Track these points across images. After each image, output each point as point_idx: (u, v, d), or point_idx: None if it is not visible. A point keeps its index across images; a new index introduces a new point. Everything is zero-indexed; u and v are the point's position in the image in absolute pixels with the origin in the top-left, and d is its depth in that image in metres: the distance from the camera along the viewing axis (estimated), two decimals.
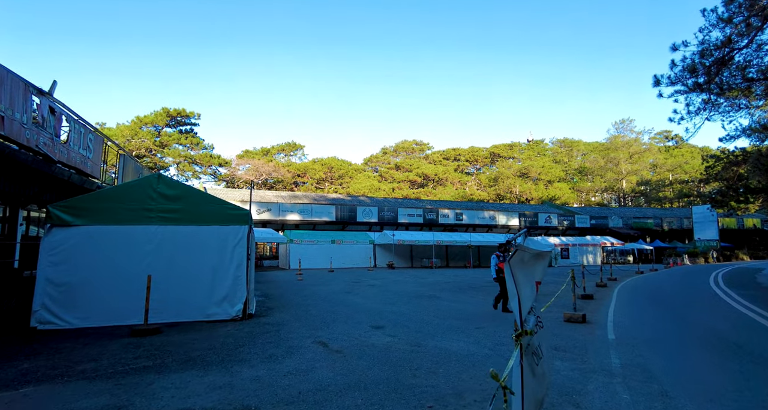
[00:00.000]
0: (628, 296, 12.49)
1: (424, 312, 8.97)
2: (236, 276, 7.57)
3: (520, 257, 2.18)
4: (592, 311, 9.46)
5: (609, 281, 17.65)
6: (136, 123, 40.27)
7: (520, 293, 2.13)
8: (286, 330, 6.62)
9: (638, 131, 71.33)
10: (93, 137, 11.86)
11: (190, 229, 7.38)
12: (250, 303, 7.79)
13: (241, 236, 7.72)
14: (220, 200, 7.82)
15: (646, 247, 38.14)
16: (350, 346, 5.60)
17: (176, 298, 7.09)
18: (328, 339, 6.04)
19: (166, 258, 7.16)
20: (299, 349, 5.38)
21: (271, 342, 5.72)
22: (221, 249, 7.55)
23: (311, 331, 6.61)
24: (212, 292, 7.38)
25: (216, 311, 7.35)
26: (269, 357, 4.94)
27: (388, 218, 36.36)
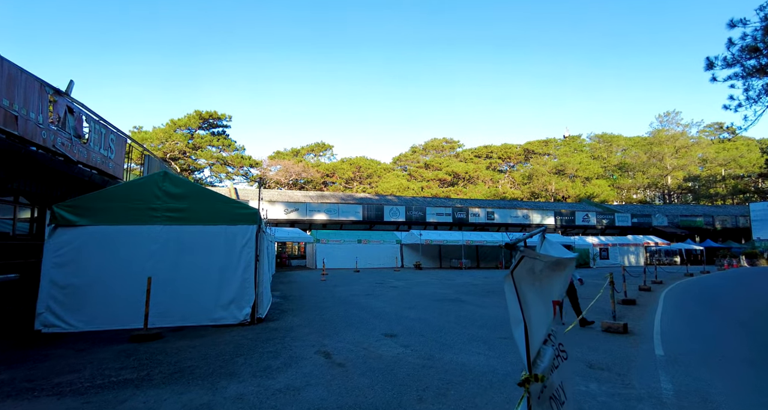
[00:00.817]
0: (677, 302, 11.28)
1: (445, 317, 8.31)
2: (244, 279, 7.22)
3: (529, 266, 1.55)
4: (635, 319, 8.48)
5: (654, 285, 16.23)
6: (171, 126, 41.60)
7: (529, 319, 1.50)
8: (292, 337, 6.17)
9: (685, 124, 66.76)
10: (115, 138, 11.97)
11: (196, 229, 7.09)
12: (260, 307, 7.42)
13: (249, 236, 7.36)
14: (228, 199, 7.49)
15: (695, 247, 35.44)
16: (355, 358, 5.07)
17: (182, 301, 6.81)
18: (334, 348, 5.53)
19: (172, 259, 6.90)
20: (299, 361, 4.91)
21: (271, 352, 5.28)
22: (229, 250, 7.22)
23: (319, 339, 6.13)
24: (219, 295, 7.05)
25: (223, 315, 7.02)
26: (263, 370, 4.49)
27: (416, 218, 35.65)
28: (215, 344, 5.62)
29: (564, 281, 1.84)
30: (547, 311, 1.66)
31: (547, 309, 1.65)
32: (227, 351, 5.29)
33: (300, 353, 5.25)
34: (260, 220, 7.50)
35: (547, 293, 1.67)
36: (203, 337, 6.08)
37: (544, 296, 1.64)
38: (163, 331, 6.34)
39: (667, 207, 54.15)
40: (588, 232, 40.13)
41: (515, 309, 1.50)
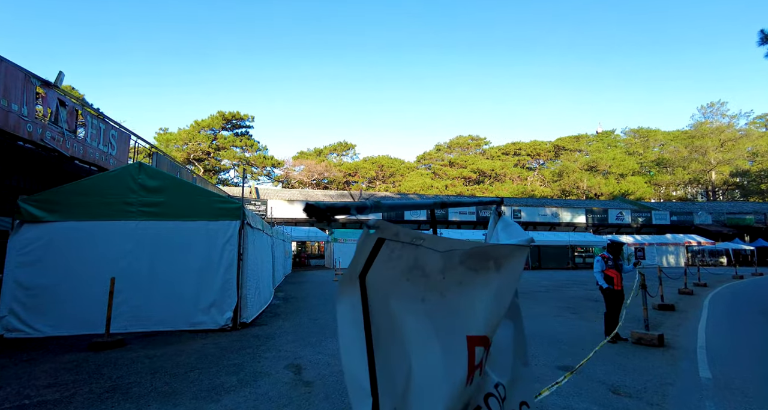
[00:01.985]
0: (726, 308, 9.89)
1: None
2: (226, 280, 6.61)
3: (407, 263, 0.70)
4: (673, 327, 7.32)
5: (696, 288, 14.64)
6: (194, 127, 42.27)
7: (393, 387, 0.66)
8: (269, 347, 5.48)
9: (732, 115, 62.12)
10: (116, 134, 11.74)
11: (174, 225, 6.54)
12: (244, 310, 6.78)
13: (231, 233, 6.74)
14: (209, 192, 6.90)
15: (744, 247, 32.63)
16: (328, 374, 4.31)
17: (158, 304, 6.27)
18: (310, 361, 4.80)
19: (147, 258, 6.37)
20: (261, 377, 4.19)
21: (234, 365, 4.59)
22: (209, 248, 6.62)
23: (298, 348, 5.41)
24: (199, 297, 6.47)
25: (203, 319, 6.43)
26: (211, 390, 3.80)
27: (439, 216, 34.52)
28: (178, 354, 4.99)
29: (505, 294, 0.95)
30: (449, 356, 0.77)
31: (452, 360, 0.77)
32: (186, 363, 4.64)
33: (267, 367, 4.54)
34: (245, 215, 6.88)
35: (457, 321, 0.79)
36: (171, 345, 5.48)
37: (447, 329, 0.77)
38: (131, 337, 5.80)
39: (712, 204, 50.53)
40: (622, 231, 37.83)
41: (358, 361, 0.68)
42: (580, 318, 8.30)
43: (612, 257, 6.43)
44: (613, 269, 6.34)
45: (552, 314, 8.87)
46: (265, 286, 9.49)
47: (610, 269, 6.35)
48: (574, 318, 8.28)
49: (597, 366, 4.82)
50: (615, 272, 6.32)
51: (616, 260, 6.40)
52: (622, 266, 6.42)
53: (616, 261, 6.40)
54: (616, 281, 6.28)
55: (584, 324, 7.61)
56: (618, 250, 6.44)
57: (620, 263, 6.41)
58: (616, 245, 6.51)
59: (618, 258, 6.43)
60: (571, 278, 18.88)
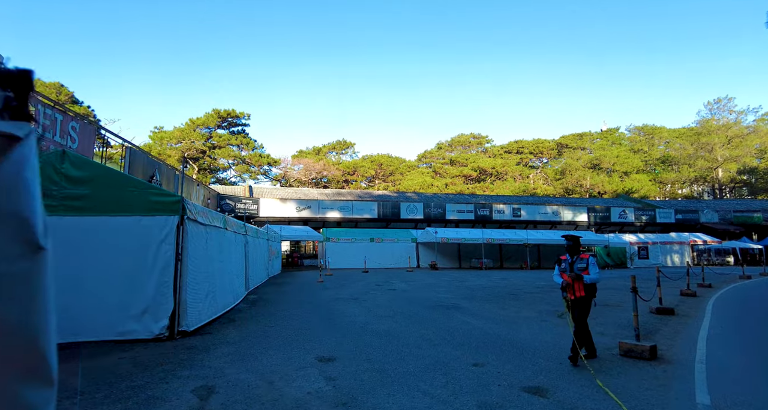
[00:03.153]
0: (731, 312, 9.04)
1: (421, 331, 6.65)
2: (162, 282, 5.86)
3: None
4: (670, 336, 6.49)
5: (700, 289, 13.74)
6: (189, 126, 41.68)
7: None
8: (194, 362, 4.73)
9: (739, 111, 60.71)
10: (78, 126, 11.05)
11: (102, 220, 5.80)
12: (183, 317, 6.03)
13: (169, 229, 6.00)
14: (143, 183, 6.16)
15: (752, 246, 31.56)
16: (241, 400, 3.54)
17: (81, 312, 5.52)
18: (228, 382, 4.04)
19: (69, 259, 5.62)
20: (152, 406, 3.43)
21: (133, 388, 3.83)
22: (142, 247, 5.89)
23: (225, 365, 4.66)
24: (129, 303, 5.73)
25: (134, 328, 5.69)
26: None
27: (435, 215, 33.73)
28: (73, 374, 4.23)
29: None
30: None
31: None
32: (73, 386, 3.88)
33: (170, 391, 3.78)
34: (185, 209, 6.13)
35: None
36: (73, 362, 4.72)
37: None
38: None
39: (718, 202, 49.34)
40: (625, 229, 36.81)
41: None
42: (567, 324, 7.49)
43: (570, 258, 5.14)
44: (566, 273, 5.06)
45: (538, 318, 8.07)
46: (227, 289, 8.76)
47: (563, 273, 5.12)
48: (560, 324, 7.47)
49: (571, 386, 4.03)
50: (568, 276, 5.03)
51: (573, 263, 5.07)
52: (586, 269, 4.93)
53: (574, 263, 5.05)
54: (570, 287, 5.01)
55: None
56: (575, 248, 5.17)
57: (580, 266, 4.97)
58: (572, 240, 5.22)
59: (576, 258, 5.07)
60: None
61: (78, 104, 32.27)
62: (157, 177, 16.59)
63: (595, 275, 4.89)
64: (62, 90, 30.83)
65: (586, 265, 4.88)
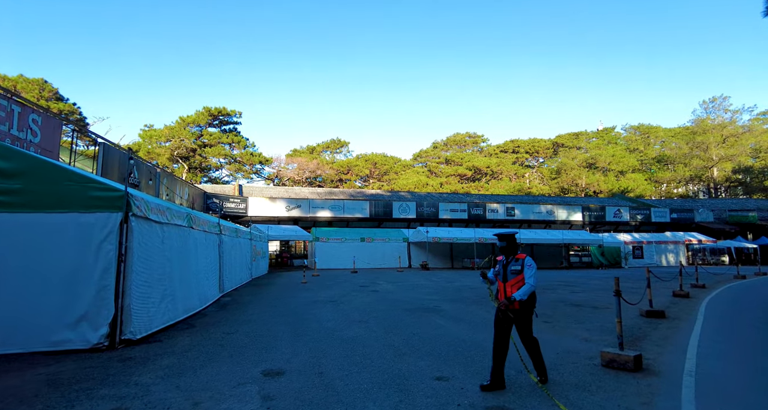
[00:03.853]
0: (725, 315, 8.58)
1: (392, 337, 6.15)
2: (102, 286, 5.34)
3: None
4: (658, 343, 6.01)
5: (694, 289, 13.32)
6: (180, 124, 40.98)
7: None
8: (121, 377, 4.22)
9: (734, 110, 60.52)
10: (40, 118, 10.45)
11: (34, 218, 5.26)
12: (127, 324, 5.50)
13: (110, 228, 5.47)
14: (82, 177, 5.62)
15: (747, 245, 31.27)
16: None
17: (6, 319, 5.00)
18: (151, 404, 3.52)
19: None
20: None
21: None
22: (81, 247, 5.36)
23: (155, 381, 4.14)
24: (65, 309, 5.20)
25: (69, 337, 5.16)
26: None
27: (428, 214, 33.25)
28: None
29: None
30: None
31: None
32: None
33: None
34: (130, 205, 5.59)
35: None
36: None
37: None
38: None
39: (713, 201, 49.10)
40: (620, 229, 36.45)
41: None
42: (550, 329, 7.02)
43: (504, 259, 4.11)
44: (499, 276, 4.12)
45: None
46: (191, 292, 8.23)
47: (496, 276, 4.18)
48: (545, 329, 6.98)
49: (542, 405, 3.53)
50: (501, 282, 4.09)
51: (507, 264, 4.06)
52: (521, 272, 3.95)
53: (508, 265, 4.05)
54: (501, 295, 4.06)
55: (553, 338, 6.31)
56: (510, 249, 4.09)
57: (514, 268, 3.98)
58: (506, 240, 4.11)
59: (511, 260, 4.06)
60: (561, 279, 17.58)
61: (63, 100, 31.60)
62: (135, 175, 16.03)
63: (528, 286, 3.89)
64: (46, 86, 30.14)
65: (520, 268, 3.96)
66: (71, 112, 31.37)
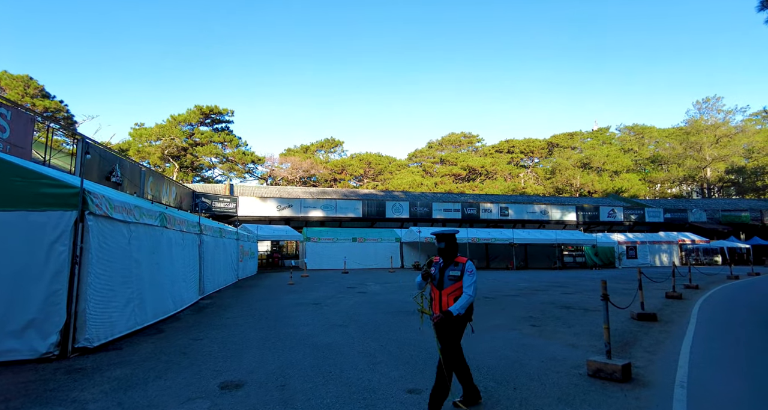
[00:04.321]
0: (718, 318, 8.30)
1: (366, 345, 5.81)
2: (53, 291, 4.96)
3: None
4: (649, 349, 5.71)
5: (687, 290, 13.08)
6: (171, 122, 40.39)
7: None
8: (59, 394, 3.85)
9: (728, 111, 60.70)
10: (8, 113, 9.98)
11: None
12: (82, 331, 5.11)
13: (63, 227, 5.09)
14: (32, 173, 5.21)
15: (740, 245, 31.22)
16: None
17: None
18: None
19: None
20: None
21: None
22: (29, 248, 4.97)
23: (99, 397, 3.79)
24: (10, 316, 4.81)
25: (13, 346, 4.76)
26: None
27: (422, 214, 32.93)
28: None
29: None
30: None
31: None
32: None
33: None
34: (86, 202, 5.21)
35: None
36: None
37: None
38: None
39: (707, 201, 49.18)
40: (614, 229, 36.32)
41: None
42: (538, 333, 6.70)
43: (442, 263, 3.54)
44: (435, 284, 3.50)
45: (508, 326, 7.27)
46: (164, 295, 7.84)
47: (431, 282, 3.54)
48: (531, 333, 6.67)
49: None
50: (435, 289, 3.50)
51: (445, 269, 3.48)
52: (460, 278, 3.38)
53: (445, 269, 3.47)
54: (436, 304, 3.49)
55: (539, 343, 6.00)
56: (450, 251, 3.51)
57: (452, 273, 3.41)
58: (444, 241, 3.52)
59: (450, 264, 3.48)
60: (554, 280, 17.31)
61: (49, 98, 30.98)
62: (117, 173, 15.58)
63: (466, 297, 3.32)
64: (31, 83, 29.49)
65: (460, 273, 3.38)
66: (58, 109, 30.76)
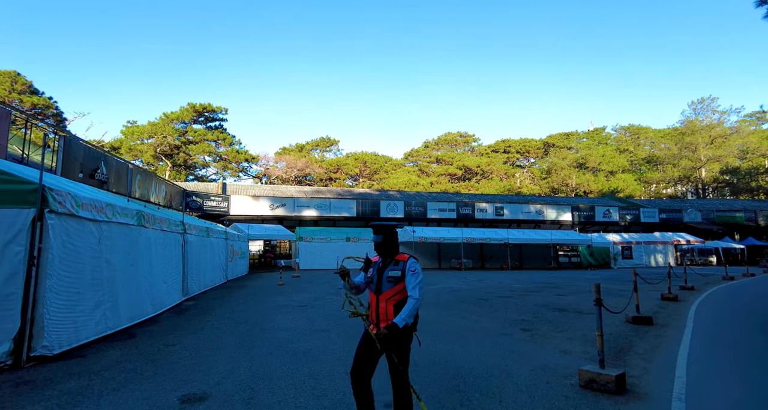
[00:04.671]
0: (715, 321, 8.06)
1: (346, 351, 5.50)
2: (6, 295, 4.61)
3: None
4: (645, 356, 5.43)
5: (682, 292, 12.86)
6: (164, 120, 39.87)
7: None
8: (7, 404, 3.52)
9: (722, 111, 60.83)
10: None
11: None
12: (39, 338, 4.76)
13: (20, 226, 4.75)
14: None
15: (734, 245, 31.16)
16: None
17: None
18: None
19: None
20: None
21: None
22: None
23: (53, 407, 3.45)
24: None
25: None
26: None
27: (416, 213, 32.64)
28: None
29: None
30: None
31: None
32: None
33: None
34: (47, 200, 4.86)
35: None
36: None
37: None
38: None
39: (701, 202, 49.22)
40: (609, 229, 36.21)
41: None
42: (529, 338, 6.42)
43: (380, 261, 2.96)
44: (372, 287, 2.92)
45: (497, 330, 6.98)
46: (141, 297, 7.50)
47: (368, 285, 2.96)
48: (522, 339, 6.38)
49: None
50: (372, 295, 2.91)
51: (384, 268, 2.90)
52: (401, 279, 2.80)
53: (384, 269, 2.89)
54: (373, 312, 2.87)
55: (530, 349, 5.71)
56: (388, 246, 2.94)
57: (392, 274, 2.81)
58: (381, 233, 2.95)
59: (389, 262, 2.90)
60: (548, 281, 17.06)
61: (38, 94, 30.43)
62: (102, 170, 15.18)
63: (412, 301, 2.72)
64: (18, 79, 28.92)
65: (401, 273, 2.79)
66: (46, 106, 30.22)
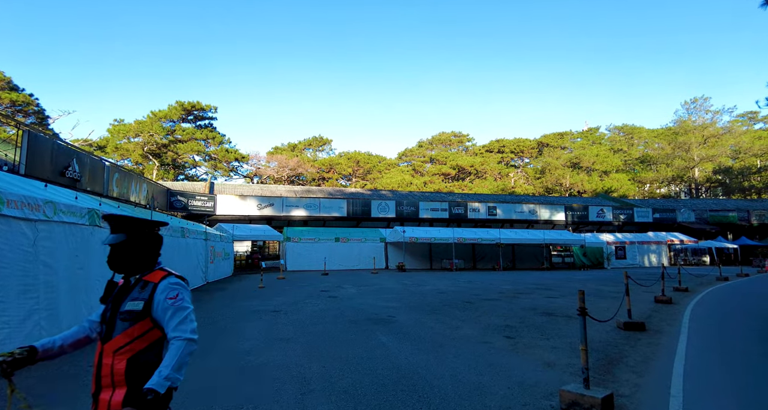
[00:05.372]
0: (711, 326, 7.58)
1: (308, 365, 4.96)
2: None
3: None
4: (636, 370, 4.91)
5: (676, 293, 12.42)
6: (151, 118, 39.07)
7: None
8: None
9: (715, 111, 60.86)
10: None
11: None
12: None
13: None
14: None
15: (728, 245, 30.90)
16: None
17: None
18: None
19: None
20: None
21: None
22: None
23: None
24: None
25: None
26: None
27: (408, 213, 32.11)
28: None
29: None
30: None
31: None
32: None
33: None
34: None
35: None
36: None
37: None
38: None
39: (695, 201, 49.12)
40: (603, 229, 35.89)
41: None
42: (512, 347, 5.89)
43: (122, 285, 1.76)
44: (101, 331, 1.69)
45: (478, 338, 6.45)
46: (92, 303, 6.90)
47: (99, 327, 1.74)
48: (504, 347, 5.86)
49: None
50: (99, 342, 1.70)
51: (123, 296, 1.69)
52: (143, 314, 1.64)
53: (124, 299, 1.68)
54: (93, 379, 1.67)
55: (510, 362, 5.18)
56: (133, 255, 1.71)
57: (130, 308, 1.65)
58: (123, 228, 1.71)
59: (135, 285, 1.72)
60: (540, 282, 16.59)
61: (17, 90, 29.59)
62: (74, 168, 14.50)
63: (178, 351, 1.60)
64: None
65: (144, 306, 1.66)
66: (27, 103, 29.36)
